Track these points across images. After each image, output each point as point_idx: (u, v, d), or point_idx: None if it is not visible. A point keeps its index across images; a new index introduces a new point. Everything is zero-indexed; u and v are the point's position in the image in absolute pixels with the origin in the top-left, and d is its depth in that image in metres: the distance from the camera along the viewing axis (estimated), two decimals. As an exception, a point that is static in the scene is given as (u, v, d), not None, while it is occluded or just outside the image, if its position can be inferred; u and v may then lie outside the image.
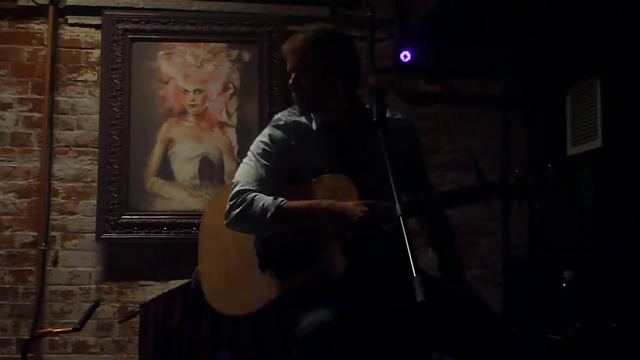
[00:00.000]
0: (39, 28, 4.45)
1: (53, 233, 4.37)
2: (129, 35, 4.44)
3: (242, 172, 2.55)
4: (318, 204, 2.42)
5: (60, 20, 4.48)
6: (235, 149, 4.45)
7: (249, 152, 2.59)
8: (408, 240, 2.01)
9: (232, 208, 2.46)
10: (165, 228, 4.35)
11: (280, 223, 2.43)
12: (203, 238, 2.69)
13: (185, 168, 4.44)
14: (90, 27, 4.49)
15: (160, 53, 4.48)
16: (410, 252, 1.98)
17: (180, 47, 4.50)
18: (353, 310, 2.33)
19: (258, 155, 2.55)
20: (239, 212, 2.45)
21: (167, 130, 4.44)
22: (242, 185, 2.49)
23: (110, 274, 4.37)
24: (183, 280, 4.03)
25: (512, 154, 4.72)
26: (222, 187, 4.27)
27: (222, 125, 4.49)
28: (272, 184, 2.51)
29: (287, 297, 2.47)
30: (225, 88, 4.51)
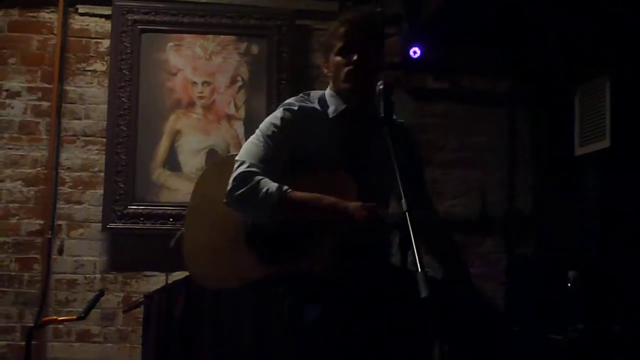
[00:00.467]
0: (49, 17, 4.47)
1: (59, 222, 4.39)
2: (139, 26, 4.45)
3: (247, 151, 2.49)
4: (321, 200, 2.39)
5: (71, 10, 4.49)
6: (242, 142, 4.43)
7: (257, 131, 2.54)
8: (413, 236, 2.01)
9: (235, 188, 2.41)
10: (171, 219, 4.35)
11: (282, 212, 2.39)
12: (194, 204, 2.63)
13: (192, 160, 4.45)
14: (100, 17, 4.50)
15: (170, 44, 4.49)
16: (416, 248, 1.98)
17: (189, 39, 4.51)
18: (352, 307, 2.34)
19: (266, 136, 2.50)
20: (242, 193, 2.39)
21: (174, 122, 4.45)
22: (247, 166, 2.43)
23: (115, 264, 4.39)
24: (187, 272, 4.06)
25: (518, 153, 4.72)
26: (224, 157, 4.23)
27: (229, 118, 4.49)
28: (276, 167, 2.46)
29: (266, 281, 2.46)
30: (234, 81, 4.52)
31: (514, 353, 2.54)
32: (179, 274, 4.07)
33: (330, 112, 2.56)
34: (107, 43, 4.48)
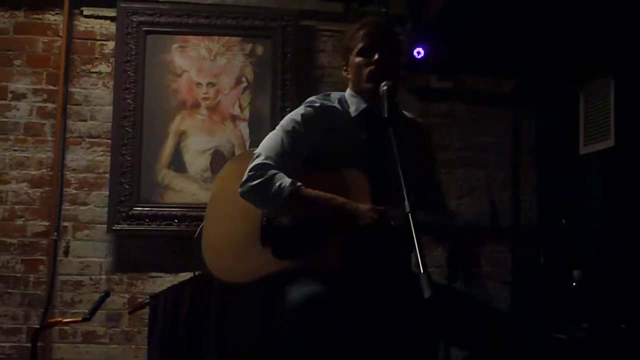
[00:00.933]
0: (54, 19, 4.48)
1: (65, 223, 4.40)
2: (144, 28, 4.46)
3: (267, 144, 2.54)
4: (332, 199, 2.41)
5: (76, 12, 4.51)
6: (247, 143, 4.46)
7: (279, 125, 2.58)
8: (417, 237, 2.01)
9: (250, 179, 2.45)
10: (176, 220, 4.36)
11: (292, 207, 2.43)
12: (215, 197, 2.68)
13: (197, 161, 4.46)
14: (105, 19, 4.52)
15: (174, 46, 4.50)
16: (419, 249, 1.99)
17: (194, 40, 4.52)
18: (352, 302, 2.35)
19: (286, 132, 2.54)
20: (256, 185, 2.44)
21: (179, 123, 4.46)
22: (264, 159, 2.48)
23: (121, 265, 4.41)
24: (192, 273, 4.07)
25: (522, 152, 4.72)
26: (245, 151, 4.27)
27: (234, 119, 4.50)
28: (292, 162, 2.50)
29: (277, 277, 2.47)
30: (238, 82, 4.53)
31: (519, 347, 2.52)
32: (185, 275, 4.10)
33: (352, 111, 2.60)
34: (112, 45, 4.49)
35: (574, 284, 3.73)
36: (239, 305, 3.97)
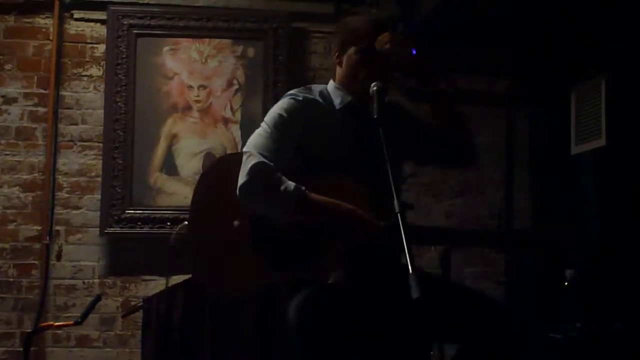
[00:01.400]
0: (45, 23, 4.47)
1: (57, 227, 4.39)
2: (134, 31, 4.45)
3: (257, 142, 2.40)
4: (340, 205, 2.32)
5: (66, 15, 4.50)
6: (239, 145, 4.45)
7: (263, 123, 2.47)
8: (405, 238, 2.00)
9: (251, 182, 2.30)
10: (169, 223, 4.35)
11: (298, 213, 2.32)
12: (198, 206, 2.51)
13: (189, 163, 4.45)
14: (96, 22, 4.51)
15: (165, 49, 4.50)
16: (407, 249, 1.98)
17: (185, 42, 4.51)
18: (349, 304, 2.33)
19: (274, 127, 2.42)
20: (258, 188, 2.30)
21: (171, 126, 4.46)
22: (258, 157, 2.33)
23: (114, 269, 4.40)
24: (186, 276, 4.06)
25: (515, 152, 4.72)
26: (225, 156, 4.13)
27: (226, 122, 4.50)
28: (284, 158, 2.38)
29: (272, 288, 2.44)
30: (230, 84, 4.52)
31: (514, 343, 2.50)
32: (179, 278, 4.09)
33: (337, 103, 2.53)
34: (102, 48, 4.48)
35: (567, 283, 3.72)
36: (234, 308, 3.96)
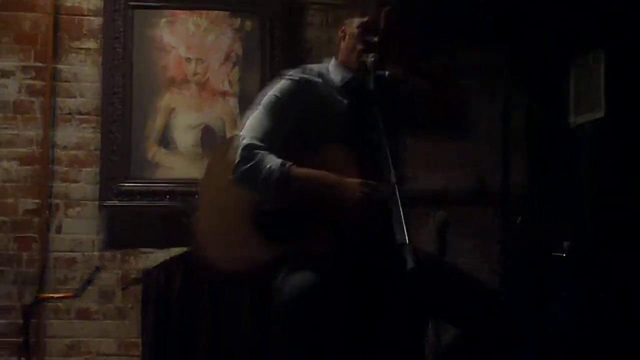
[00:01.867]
0: (41, -5, 4.45)
1: (56, 201, 4.39)
2: (130, 3, 4.42)
3: (250, 124, 2.49)
4: (324, 176, 2.39)
5: (63, -12, 4.47)
6: (237, 119, 4.45)
7: (259, 104, 2.53)
8: (402, 209, 2.02)
9: (239, 164, 2.41)
10: (167, 196, 4.37)
11: (284, 188, 2.39)
12: (206, 183, 2.66)
13: (187, 137, 4.45)
14: (92, -6, 4.49)
15: (162, 21, 4.47)
16: (404, 220, 1.99)
17: (182, 15, 4.49)
18: (340, 279, 2.34)
19: (267, 109, 2.50)
20: (246, 169, 2.40)
21: (168, 100, 4.45)
22: (250, 140, 2.43)
23: (113, 242, 4.41)
24: (184, 248, 4.08)
25: (513, 125, 4.70)
26: (234, 135, 4.23)
27: (223, 95, 4.49)
28: (279, 139, 2.46)
29: (271, 264, 2.46)
30: (227, 57, 4.51)
31: (508, 324, 2.53)
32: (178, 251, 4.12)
33: (338, 81, 2.57)
34: (99, 21, 4.45)
35: (564, 255, 3.73)
36: (233, 280, 3.98)
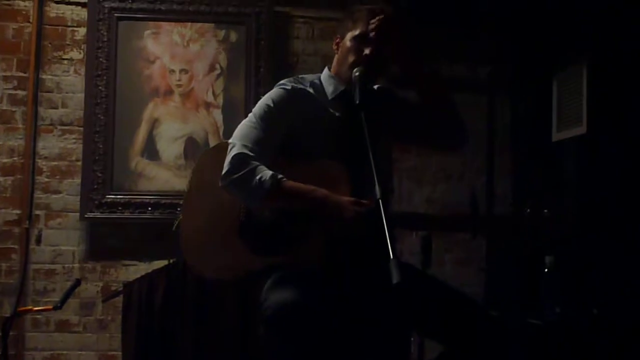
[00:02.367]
0: (25, 5, 4.41)
1: (37, 211, 4.35)
2: (115, 14, 4.41)
3: (241, 132, 2.46)
4: (314, 192, 2.35)
5: (46, -3, 4.45)
6: (221, 130, 4.44)
7: (252, 112, 2.51)
8: (387, 223, 2.01)
9: (230, 172, 2.38)
10: (150, 208, 4.34)
11: (274, 200, 2.37)
12: (192, 190, 2.62)
13: (170, 148, 4.43)
14: (76, 4, 4.45)
15: (147, 32, 4.46)
16: (388, 234, 1.98)
17: (167, 26, 4.47)
18: (325, 292, 2.33)
19: (260, 118, 2.47)
20: (237, 178, 2.36)
21: (152, 110, 4.43)
22: (241, 149, 2.40)
23: (94, 254, 4.37)
24: (167, 261, 4.06)
25: (497, 139, 4.73)
26: (221, 142, 4.19)
27: (208, 106, 4.47)
28: (270, 149, 2.44)
29: (256, 274, 2.45)
30: (212, 68, 4.49)
31: (494, 336, 2.52)
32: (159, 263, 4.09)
33: (330, 92, 2.55)
34: (83, 31, 4.43)
35: (547, 270, 3.75)
36: (216, 293, 3.96)
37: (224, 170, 2.39)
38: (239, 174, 2.36)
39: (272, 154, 2.44)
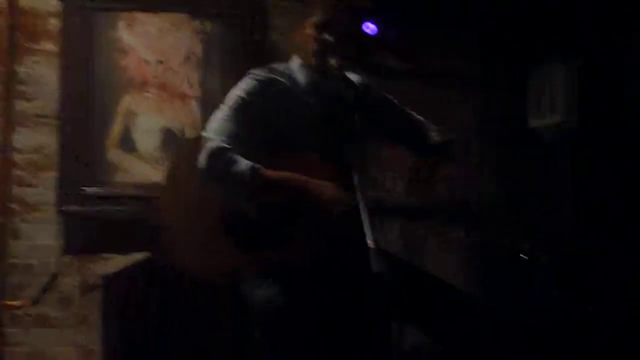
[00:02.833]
0: (-3, -4, 4.36)
1: (12, 205, 4.31)
2: (89, 5, 4.36)
3: (216, 125, 2.44)
4: (294, 177, 2.36)
5: (19, -12, 4.39)
6: (198, 121, 4.42)
7: (224, 104, 2.50)
8: (365, 214, 2.01)
9: (208, 167, 2.36)
10: (127, 200, 4.31)
11: (254, 190, 2.35)
12: (170, 186, 2.61)
13: (147, 140, 4.40)
14: (50, -5, 4.41)
15: (121, 23, 4.41)
16: (369, 225, 1.99)
17: (142, 17, 4.43)
18: (310, 288, 2.33)
19: (233, 109, 2.46)
20: (215, 172, 2.36)
21: (128, 102, 4.39)
22: (217, 142, 2.38)
23: (71, 247, 4.32)
24: (146, 253, 4.04)
25: (480, 135, 4.74)
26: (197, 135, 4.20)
27: (184, 97, 4.45)
28: (246, 140, 2.42)
29: (243, 270, 2.44)
30: (187, 59, 4.47)
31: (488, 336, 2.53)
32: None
33: (301, 81, 2.55)
34: (57, 22, 4.38)
35: (542, 268, 3.76)
36: (197, 286, 3.95)
37: (201, 167, 2.37)
38: (217, 169, 2.35)
39: (247, 145, 2.42)
